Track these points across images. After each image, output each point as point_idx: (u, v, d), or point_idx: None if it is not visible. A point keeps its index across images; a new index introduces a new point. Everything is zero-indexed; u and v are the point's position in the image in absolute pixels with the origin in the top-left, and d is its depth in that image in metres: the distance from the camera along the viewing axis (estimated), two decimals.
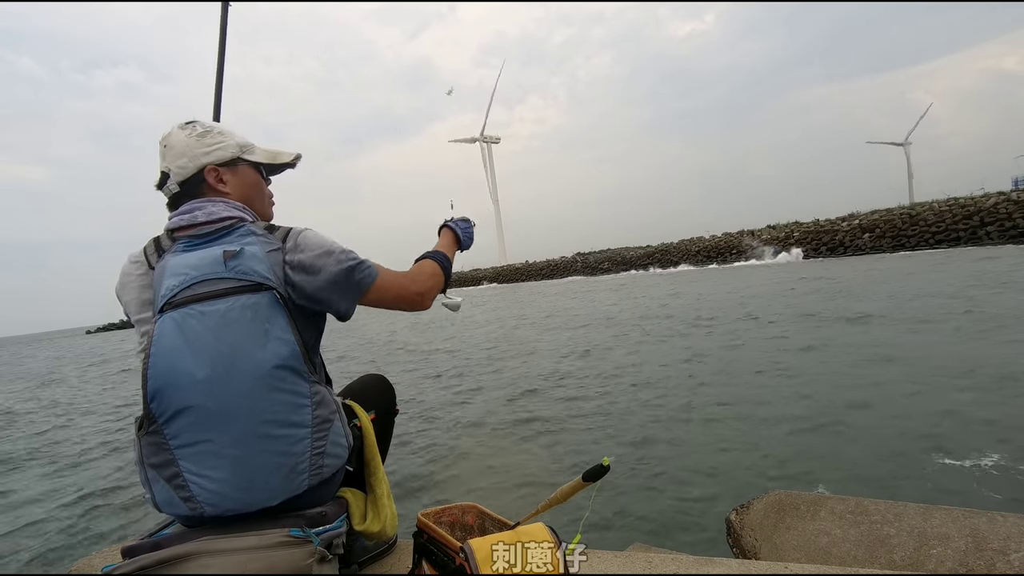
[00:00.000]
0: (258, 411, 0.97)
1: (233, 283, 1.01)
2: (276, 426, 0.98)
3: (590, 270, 55.12)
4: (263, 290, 1.01)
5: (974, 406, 4.07)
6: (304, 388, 1.03)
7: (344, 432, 1.10)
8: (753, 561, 1.29)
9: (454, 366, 9.00)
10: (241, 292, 1.00)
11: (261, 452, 0.97)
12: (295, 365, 1.01)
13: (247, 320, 0.99)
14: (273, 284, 1.02)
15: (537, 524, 1.03)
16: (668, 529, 2.88)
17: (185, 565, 0.91)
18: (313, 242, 1.09)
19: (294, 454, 1.00)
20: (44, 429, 7.82)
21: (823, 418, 4.23)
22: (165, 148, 1.14)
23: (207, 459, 0.96)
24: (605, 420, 4.92)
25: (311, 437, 1.02)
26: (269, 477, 0.98)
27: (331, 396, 1.10)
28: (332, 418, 1.07)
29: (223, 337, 0.98)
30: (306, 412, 1.02)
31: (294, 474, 1.00)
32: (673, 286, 23.15)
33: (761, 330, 8.79)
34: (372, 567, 1.33)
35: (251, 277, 1.01)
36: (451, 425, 5.39)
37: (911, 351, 6.06)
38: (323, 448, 1.04)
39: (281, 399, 0.99)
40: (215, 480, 0.96)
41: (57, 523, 4.00)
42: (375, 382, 1.42)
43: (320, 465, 1.03)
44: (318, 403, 1.04)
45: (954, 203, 31.99)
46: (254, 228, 1.09)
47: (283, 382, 1.00)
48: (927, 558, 1.32)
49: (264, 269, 1.03)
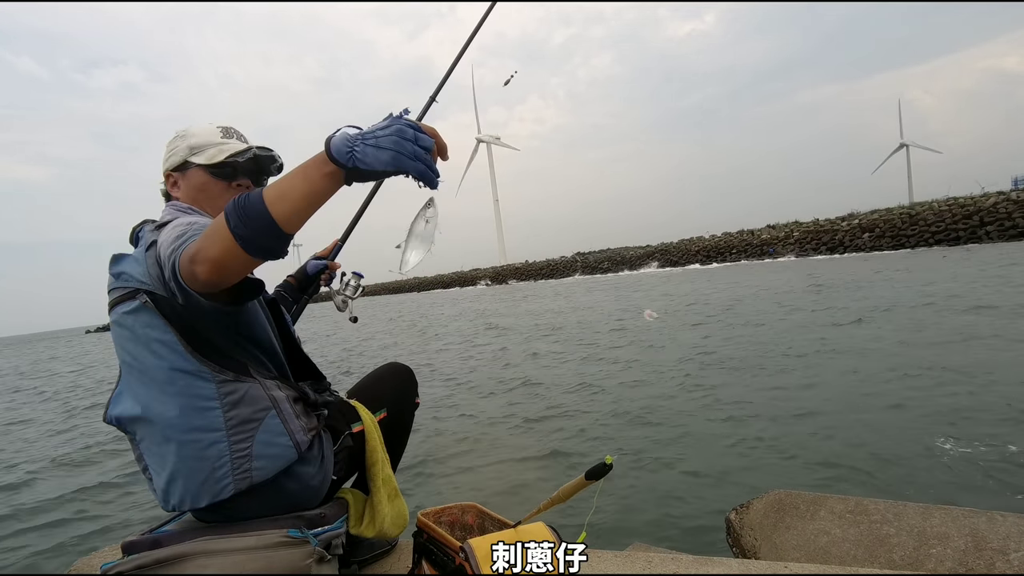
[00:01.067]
0: (164, 417, 0.97)
1: (118, 292, 1.00)
2: (182, 431, 0.97)
3: (590, 270, 55.13)
4: (138, 294, 0.97)
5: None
6: (207, 390, 0.97)
7: (287, 429, 1.01)
8: (753, 561, 1.29)
9: (455, 366, 9.00)
10: (123, 300, 0.99)
11: (179, 456, 0.97)
12: (185, 367, 0.96)
13: (129, 326, 0.98)
14: (147, 286, 0.96)
15: (538, 523, 1.03)
16: (668, 529, 2.88)
17: (183, 565, 0.91)
18: (167, 231, 0.93)
19: (208, 458, 0.97)
20: (44, 426, 7.81)
21: (823, 417, 4.24)
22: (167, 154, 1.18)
23: (152, 456, 1.02)
24: (605, 420, 4.92)
25: (227, 440, 0.97)
26: (188, 480, 0.98)
27: (264, 392, 1.01)
28: (260, 417, 0.99)
29: (123, 345, 1.01)
30: (214, 415, 0.97)
31: (214, 480, 0.97)
32: (675, 284, 23.15)
33: (758, 329, 8.80)
34: (372, 567, 1.33)
35: (128, 283, 0.99)
36: (451, 425, 5.39)
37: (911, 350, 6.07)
38: (247, 451, 0.97)
39: (180, 403, 0.96)
40: (157, 475, 1.02)
41: (57, 522, 3.99)
42: (391, 374, 1.38)
43: (246, 469, 0.97)
44: (234, 403, 0.98)
45: (954, 203, 32.03)
46: (147, 227, 1.04)
47: (175, 385, 0.96)
48: (927, 558, 1.32)
49: (139, 272, 0.98)
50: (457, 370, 8.54)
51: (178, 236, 0.87)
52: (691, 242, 49.45)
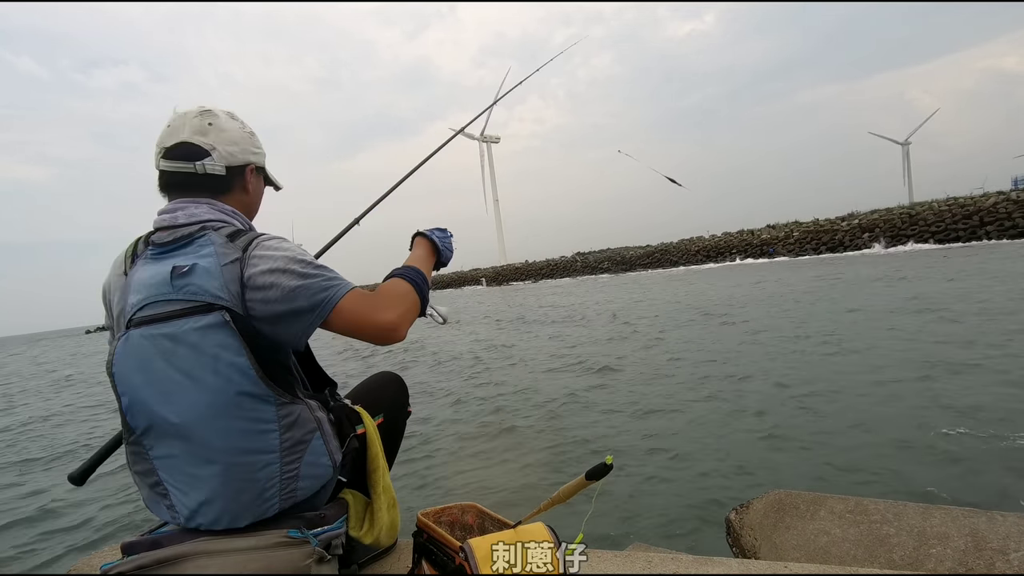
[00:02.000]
0: (216, 439, 0.92)
1: (181, 304, 0.92)
2: (236, 453, 0.93)
3: (590, 269, 55.10)
4: (213, 311, 0.92)
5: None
6: (268, 413, 0.95)
7: (327, 450, 1.03)
8: (753, 561, 1.29)
9: (452, 365, 8.99)
10: (189, 314, 0.92)
11: (225, 476, 0.93)
12: (254, 391, 0.93)
13: (194, 344, 0.91)
14: (225, 302, 0.92)
15: (537, 524, 1.03)
16: (668, 528, 2.88)
17: (183, 565, 0.91)
18: (269, 254, 0.96)
19: (259, 480, 0.95)
20: (43, 425, 7.82)
21: (824, 416, 4.24)
22: (211, 126, 1.05)
23: (177, 473, 0.96)
24: (606, 419, 4.92)
25: (280, 462, 0.96)
26: (232, 501, 0.94)
27: (311, 414, 1.01)
28: (308, 439, 0.99)
29: (174, 362, 0.92)
30: (272, 437, 0.95)
31: (261, 500, 0.96)
32: (687, 284, 23.15)
33: (754, 328, 8.79)
34: (372, 567, 1.33)
35: (200, 297, 0.92)
36: (450, 424, 5.39)
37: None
38: (295, 471, 0.98)
39: (238, 427, 0.93)
40: (186, 494, 0.95)
41: (57, 521, 3.99)
42: (387, 382, 1.38)
43: (292, 489, 0.98)
44: (289, 425, 0.97)
45: (953, 203, 32.04)
46: (215, 237, 0.98)
47: (239, 409, 0.92)
48: (926, 557, 1.32)
49: (216, 287, 0.92)
50: (457, 370, 8.55)
51: (331, 279, 0.97)
52: (691, 242, 49.48)
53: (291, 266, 0.95)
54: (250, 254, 0.96)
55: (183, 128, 1.04)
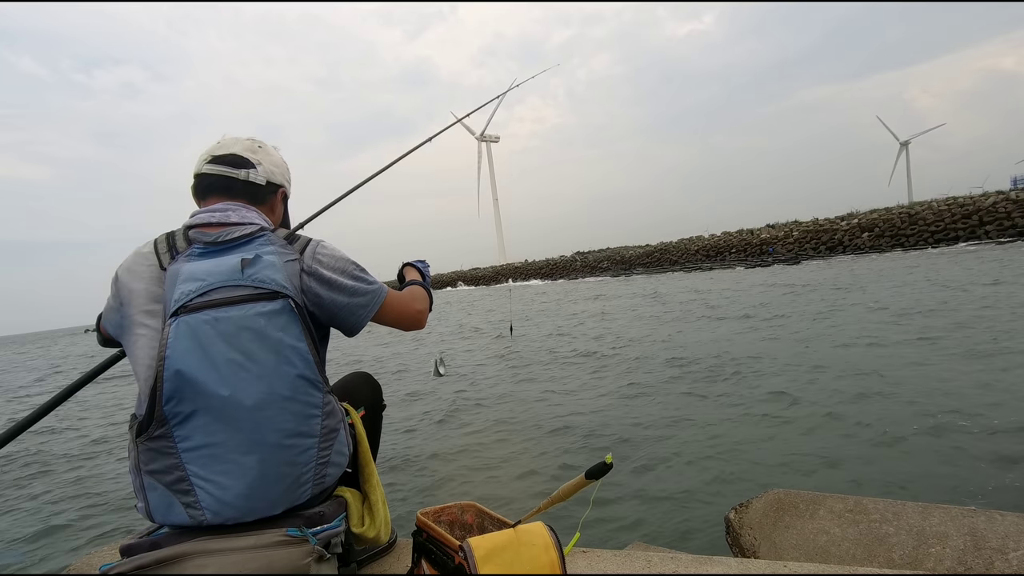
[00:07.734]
0: (269, 420, 0.97)
1: (249, 290, 0.99)
2: (285, 436, 0.98)
3: (589, 269, 55.10)
4: (279, 298, 1.00)
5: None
6: (317, 398, 1.03)
7: (347, 440, 1.11)
8: (752, 560, 1.29)
9: (451, 366, 8.99)
10: (256, 299, 0.99)
11: (268, 461, 0.97)
12: (309, 375, 1.01)
13: (261, 327, 0.98)
14: (289, 293, 1.02)
15: (537, 523, 1.03)
16: (667, 528, 2.88)
17: (183, 564, 0.91)
18: (330, 255, 1.14)
19: (299, 463, 1.00)
20: (43, 426, 7.80)
21: (823, 416, 4.24)
22: (260, 148, 1.22)
23: (215, 463, 0.95)
24: (606, 419, 4.93)
25: (317, 447, 1.03)
26: (273, 487, 0.97)
27: (338, 405, 1.11)
28: (338, 427, 1.08)
29: (236, 344, 0.96)
30: (316, 422, 1.02)
31: (297, 484, 1.00)
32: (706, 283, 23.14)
33: (753, 326, 8.80)
34: (371, 566, 1.33)
35: (268, 285, 1.00)
36: (450, 423, 5.39)
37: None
38: (327, 458, 1.05)
39: (293, 409, 0.99)
40: (221, 486, 0.95)
41: (57, 522, 3.99)
42: (361, 380, 1.42)
43: (324, 475, 1.05)
44: (328, 413, 1.05)
45: (953, 202, 32.05)
46: (273, 238, 1.09)
47: (297, 392, 1.00)
48: (926, 557, 1.32)
49: (281, 278, 1.02)
50: (457, 370, 8.55)
51: (376, 281, 1.20)
52: (691, 241, 49.46)
53: (348, 268, 1.15)
54: (312, 254, 1.11)
55: (235, 144, 1.19)
